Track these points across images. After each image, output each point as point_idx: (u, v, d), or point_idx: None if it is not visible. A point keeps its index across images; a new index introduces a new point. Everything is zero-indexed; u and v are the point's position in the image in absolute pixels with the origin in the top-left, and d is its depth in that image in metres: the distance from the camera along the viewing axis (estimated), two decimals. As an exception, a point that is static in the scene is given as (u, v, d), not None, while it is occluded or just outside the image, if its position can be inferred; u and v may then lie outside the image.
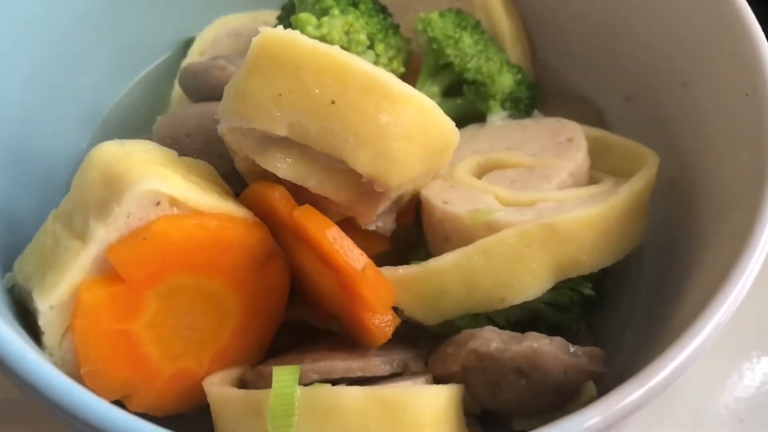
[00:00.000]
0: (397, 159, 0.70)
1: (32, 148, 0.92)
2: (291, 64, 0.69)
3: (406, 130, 0.70)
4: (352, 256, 0.69)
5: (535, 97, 0.97)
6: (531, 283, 0.73)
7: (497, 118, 0.93)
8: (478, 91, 0.93)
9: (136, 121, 1.01)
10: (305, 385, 0.67)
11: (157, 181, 0.68)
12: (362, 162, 0.70)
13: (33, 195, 0.88)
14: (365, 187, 0.72)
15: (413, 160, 0.71)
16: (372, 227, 0.77)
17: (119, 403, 0.70)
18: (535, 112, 0.97)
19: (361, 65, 0.69)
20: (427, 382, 0.72)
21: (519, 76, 0.94)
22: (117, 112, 1.04)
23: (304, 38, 0.69)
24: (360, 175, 0.71)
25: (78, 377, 0.69)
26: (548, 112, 0.98)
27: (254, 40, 0.70)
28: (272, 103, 0.69)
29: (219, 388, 0.70)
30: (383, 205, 0.74)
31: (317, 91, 0.68)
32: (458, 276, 0.73)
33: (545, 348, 0.69)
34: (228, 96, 0.72)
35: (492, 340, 0.71)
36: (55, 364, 0.69)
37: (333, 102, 0.68)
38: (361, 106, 0.69)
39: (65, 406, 0.59)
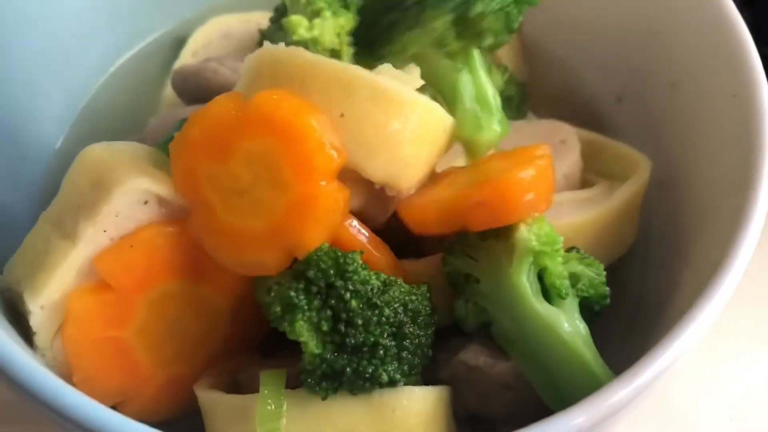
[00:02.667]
0: (408, 163, 0.70)
1: (14, 144, 0.92)
2: (296, 81, 0.68)
3: (414, 134, 0.70)
4: None
5: (526, 96, 0.97)
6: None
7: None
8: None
9: (117, 117, 1.01)
10: (294, 388, 0.67)
11: (145, 179, 0.68)
12: (375, 170, 0.69)
13: (18, 192, 0.89)
14: (376, 193, 0.72)
15: (422, 162, 0.72)
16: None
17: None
18: (530, 114, 0.97)
19: (365, 75, 0.69)
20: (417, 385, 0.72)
21: (507, 74, 0.94)
22: (96, 104, 1.04)
23: (305, 53, 0.69)
24: (372, 183, 0.71)
25: (71, 377, 0.69)
26: (542, 112, 0.98)
27: (250, 58, 0.70)
28: None
29: (209, 393, 0.70)
30: (393, 207, 0.74)
31: (325, 105, 0.68)
32: None
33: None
34: None
35: (481, 353, 0.71)
36: (47, 364, 0.69)
37: (342, 115, 0.68)
38: (371, 116, 0.68)
39: (57, 408, 0.59)
